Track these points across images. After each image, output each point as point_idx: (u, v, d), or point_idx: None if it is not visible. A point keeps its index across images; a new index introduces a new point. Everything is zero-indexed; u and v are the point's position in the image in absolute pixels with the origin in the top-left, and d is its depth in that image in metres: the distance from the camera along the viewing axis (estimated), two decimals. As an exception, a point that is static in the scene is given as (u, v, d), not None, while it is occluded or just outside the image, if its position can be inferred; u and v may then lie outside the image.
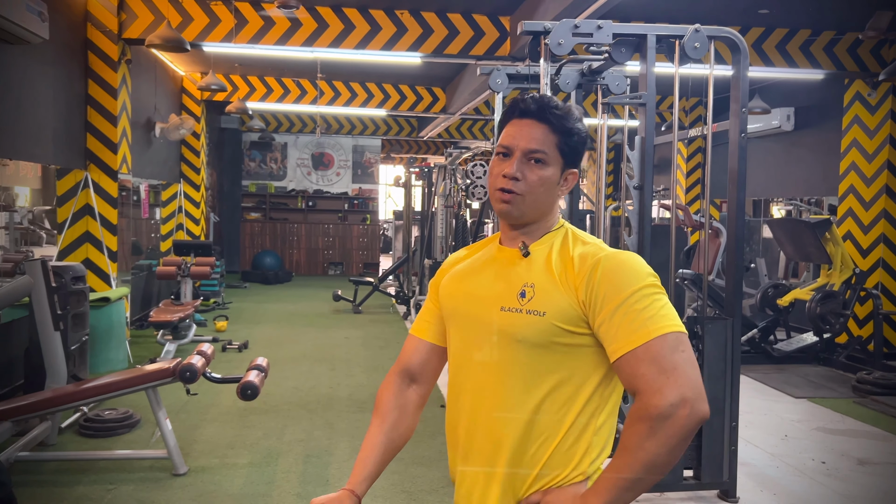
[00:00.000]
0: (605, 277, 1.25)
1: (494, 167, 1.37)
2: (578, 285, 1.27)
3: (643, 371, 1.19)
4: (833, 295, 6.62)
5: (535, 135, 1.33)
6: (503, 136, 1.37)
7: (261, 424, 4.62)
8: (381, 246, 15.73)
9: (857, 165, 7.34)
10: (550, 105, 1.34)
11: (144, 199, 8.45)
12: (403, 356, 1.52)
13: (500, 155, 1.37)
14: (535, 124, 1.34)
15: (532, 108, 1.34)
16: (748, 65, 3.52)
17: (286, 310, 9.60)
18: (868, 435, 4.72)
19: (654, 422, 1.15)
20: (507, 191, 1.33)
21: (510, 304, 1.32)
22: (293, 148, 14.39)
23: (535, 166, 1.33)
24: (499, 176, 1.35)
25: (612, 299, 1.24)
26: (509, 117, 1.38)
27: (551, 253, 1.35)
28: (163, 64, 9.03)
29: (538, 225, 1.38)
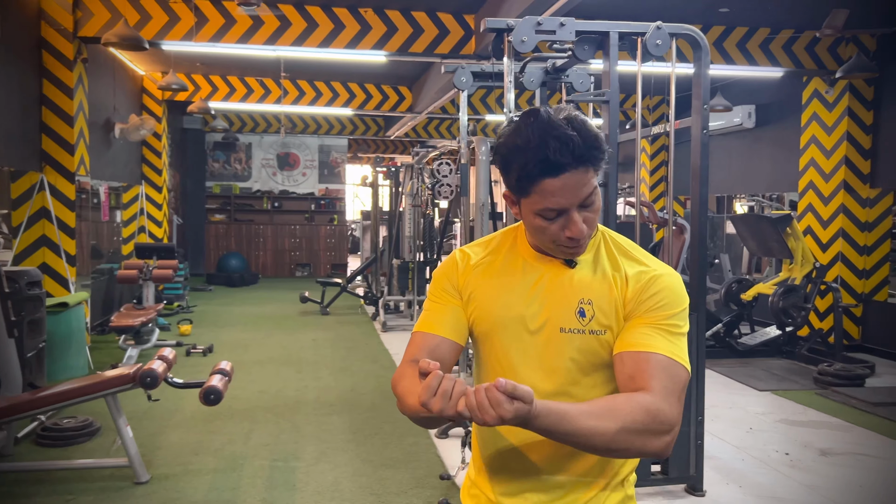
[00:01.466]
0: (659, 294, 1.26)
1: (544, 225, 1.24)
2: (629, 300, 1.27)
3: (663, 377, 1.19)
4: (794, 289, 6.73)
5: (583, 181, 1.20)
6: (545, 198, 1.20)
7: (226, 429, 4.54)
8: (349, 246, 15.64)
9: (816, 161, 7.48)
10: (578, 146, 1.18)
11: (104, 201, 8.26)
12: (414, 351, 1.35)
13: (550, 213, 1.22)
14: (578, 173, 1.19)
15: (564, 162, 1.18)
16: (709, 62, 3.55)
17: (252, 312, 9.48)
18: (829, 426, 4.80)
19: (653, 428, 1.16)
20: (575, 241, 1.25)
21: (570, 325, 1.28)
22: (258, 148, 14.22)
23: (590, 209, 1.24)
24: (561, 236, 1.24)
25: (654, 312, 1.25)
26: (541, 175, 1.19)
27: (599, 262, 1.32)
28: (121, 63, 8.84)
29: None
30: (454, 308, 1.38)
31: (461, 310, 1.39)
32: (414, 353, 1.36)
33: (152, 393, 3.83)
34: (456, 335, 1.39)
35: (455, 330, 1.38)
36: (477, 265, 1.39)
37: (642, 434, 1.14)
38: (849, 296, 7.20)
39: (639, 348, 1.22)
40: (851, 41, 7.01)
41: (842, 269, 7.24)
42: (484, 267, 1.39)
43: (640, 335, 1.23)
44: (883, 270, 7.29)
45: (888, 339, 7.00)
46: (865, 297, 7.23)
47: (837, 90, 7.21)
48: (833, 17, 5.76)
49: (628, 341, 1.24)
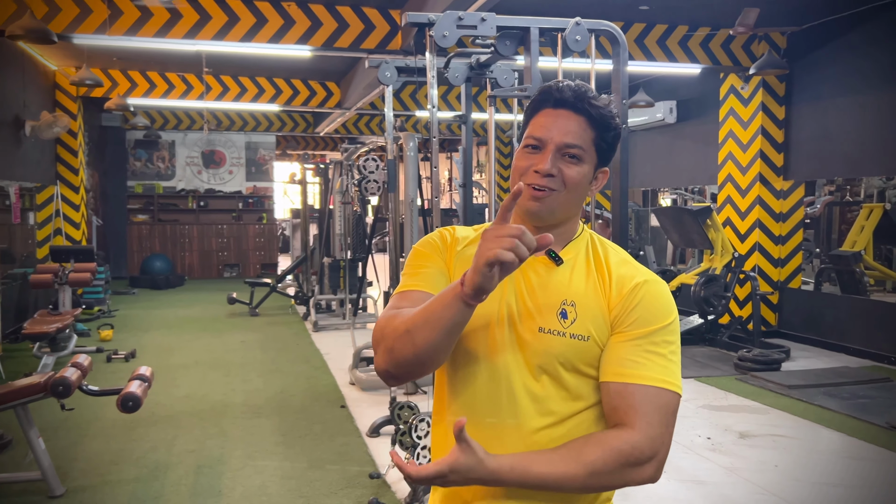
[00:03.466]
0: (644, 304, 1.20)
1: (521, 160, 1.22)
2: (614, 306, 1.21)
3: (647, 411, 1.15)
4: (715, 279, 6.97)
5: (572, 128, 1.20)
6: (534, 127, 1.22)
7: (149, 437, 4.38)
8: (279, 246, 15.35)
9: (734, 155, 7.76)
10: (589, 95, 1.21)
11: (15, 202, 7.86)
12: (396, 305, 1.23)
13: (529, 147, 1.22)
14: (572, 116, 1.20)
15: (568, 98, 1.20)
16: (627, 57, 3.63)
17: (178, 315, 9.20)
18: (748, 409, 4.99)
19: (630, 466, 1.13)
20: (541, 188, 1.19)
21: (550, 326, 1.20)
22: (181, 146, 13.80)
23: (569, 162, 1.20)
24: (528, 171, 1.20)
25: (641, 325, 1.19)
26: (541, 106, 1.23)
27: (585, 263, 1.26)
28: (31, 57, 8.42)
29: (563, 229, 1.26)
30: (440, 266, 1.28)
31: (444, 269, 1.28)
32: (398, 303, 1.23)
33: (66, 402, 3.67)
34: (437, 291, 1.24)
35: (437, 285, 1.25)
36: (462, 250, 1.30)
37: (617, 472, 1.12)
38: (766, 284, 7.50)
39: (625, 379, 1.16)
40: (764, 39, 7.30)
41: (759, 259, 7.53)
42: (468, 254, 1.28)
43: (626, 361, 1.17)
44: (796, 259, 7.63)
45: (802, 325, 7.33)
46: (781, 284, 7.55)
47: (752, 86, 7.49)
48: (745, 15, 5.97)
49: (614, 369, 1.18)
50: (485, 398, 1.23)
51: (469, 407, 1.25)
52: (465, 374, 1.26)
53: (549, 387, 1.21)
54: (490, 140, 4.03)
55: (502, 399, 1.22)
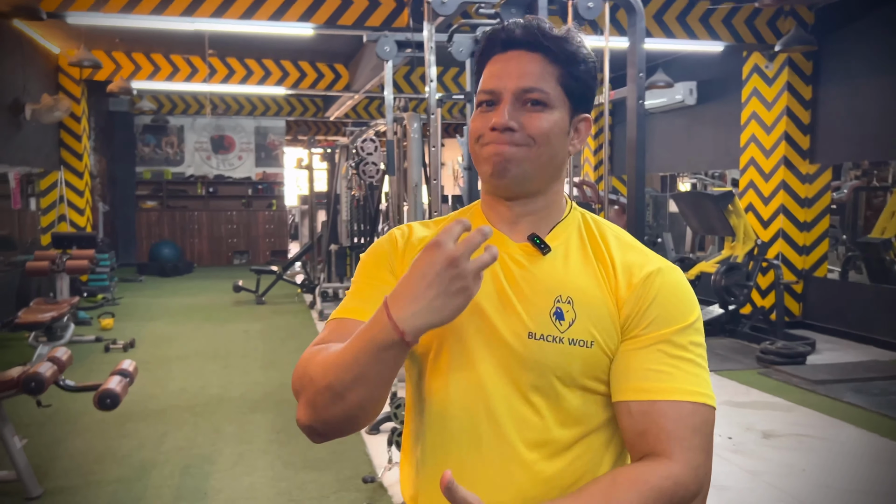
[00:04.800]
0: (661, 298, 0.97)
1: (476, 122, 1.00)
2: (624, 302, 0.98)
3: (685, 435, 0.92)
4: (737, 267, 6.65)
5: (529, 69, 0.97)
6: (485, 80, 1.00)
7: (137, 433, 4.18)
8: (290, 232, 15.16)
9: (757, 138, 7.41)
10: (542, 27, 0.99)
11: (15, 188, 7.69)
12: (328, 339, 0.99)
13: (484, 105, 1.00)
14: (526, 55, 0.98)
15: (518, 36, 0.98)
16: (644, 27, 3.32)
17: (183, 303, 9.02)
18: (772, 406, 4.70)
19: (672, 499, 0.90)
20: (500, 146, 0.97)
21: (542, 330, 0.96)
22: (190, 131, 13.60)
23: (532, 110, 0.97)
24: (483, 131, 0.98)
25: (661, 326, 0.96)
26: (489, 53, 1.01)
27: (580, 249, 1.02)
28: (31, 40, 8.22)
29: (546, 204, 1.03)
30: (385, 290, 0.99)
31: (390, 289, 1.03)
32: (325, 336, 1.00)
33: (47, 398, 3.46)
34: None
35: None
36: (416, 247, 1.05)
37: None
38: (790, 272, 7.17)
39: (652, 395, 0.93)
40: (790, 14, 6.92)
41: (783, 246, 7.19)
42: None
43: (649, 372, 0.94)
44: (822, 246, 7.28)
45: (828, 315, 7.00)
46: (806, 273, 7.22)
47: (777, 65, 7.13)
48: (772, -13, 5.61)
49: (635, 384, 0.94)
50: (459, 432, 0.99)
51: (441, 446, 1.00)
52: (431, 403, 1.01)
53: (544, 409, 0.97)
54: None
55: (481, 431, 0.98)
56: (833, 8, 6.63)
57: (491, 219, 1.05)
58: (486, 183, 1.03)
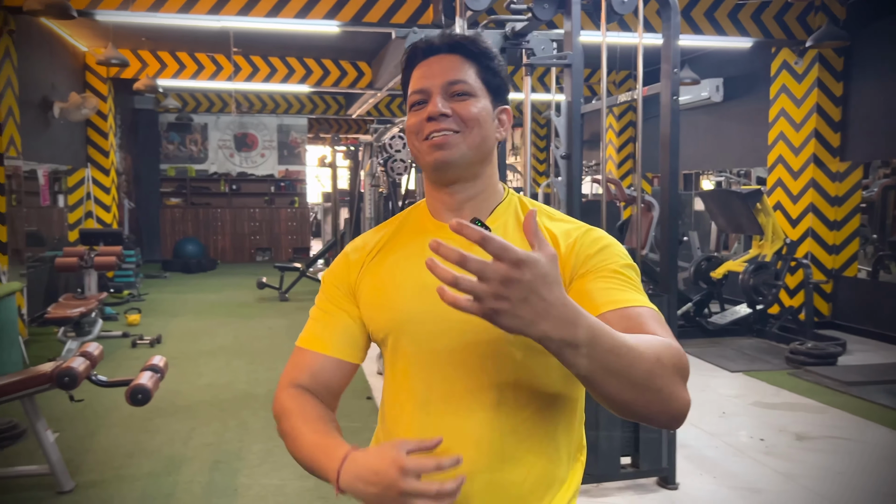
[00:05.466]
0: (598, 250, 1.07)
1: (411, 119, 1.11)
2: (566, 261, 1.06)
3: (657, 327, 0.97)
4: (765, 266, 6.56)
5: (450, 66, 1.10)
6: (413, 82, 1.12)
7: (166, 428, 4.20)
8: (312, 230, 15.22)
9: (786, 135, 7.30)
10: (455, 35, 1.13)
11: (44, 185, 7.78)
12: (295, 373, 1.16)
13: (416, 105, 1.11)
14: (446, 56, 1.11)
15: (437, 43, 1.12)
16: (679, 22, 3.28)
17: (207, 300, 9.08)
18: (804, 408, 4.62)
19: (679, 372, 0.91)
20: (439, 132, 1.07)
21: None
22: (214, 129, 13.69)
23: (460, 99, 1.09)
24: (421, 123, 1.09)
25: (605, 265, 1.05)
26: (413, 62, 1.14)
27: (517, 229, 1.12)
28: (60, 38, 8.31)
29: (484, 188, 1.13)
30: (343, 317, 1.16)
31: (354, 318, 1.16)
32: (294, 375, 1.15)
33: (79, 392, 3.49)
34: (346, 352, 1.16)
35: (345, 345, 1.16)
36: (370, 253, 1.17)
37: (672, 373, 0.90)
38: (819, 272, 7.06)
39: (621, 304, 0.99)
40: (821, 10, 6.81)
41: (812, 245, 7.09)
42: (377, 252, 1.17)
43: (611, 290, 1.01)
44: (852, 245, 7.16)
45: (858, 316, 6.88)
46: (835, 272, 7.10)
47: (807, 61, 7.01)
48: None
49: (604, 298, 1.00)
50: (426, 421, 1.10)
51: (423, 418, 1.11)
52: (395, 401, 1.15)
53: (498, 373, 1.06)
54: (526, 115, 3.72)
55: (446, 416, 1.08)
56: (865, 2, 6.51)
57: (435, 209, 1.14)
58: (429, 173, 1.12)
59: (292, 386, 1.15)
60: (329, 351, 1.15)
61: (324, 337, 1.15)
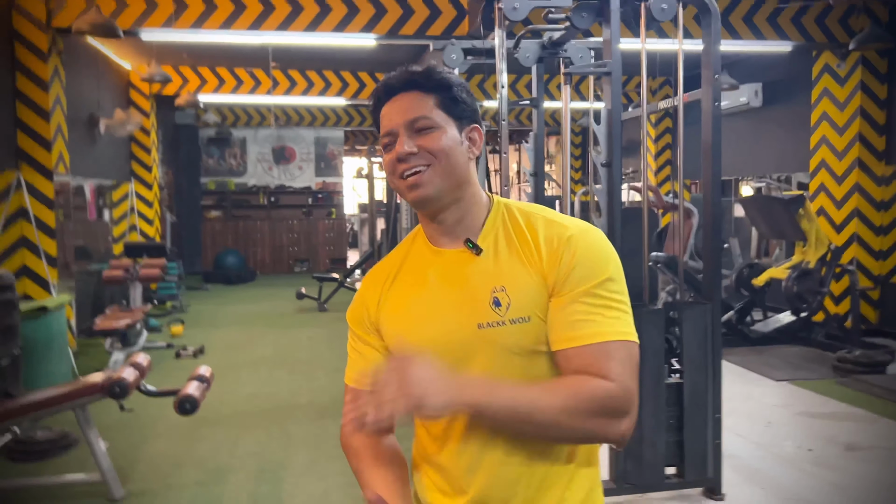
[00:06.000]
0: (580, 259, 1.11)
1: (385, 161, 1.17)
2: (548, 272, 1.12)
3: (612, 366, 1.06)
4: (809, 273, 6.43)
5: (410, 104, 1.14)
6: (381, 125, 1.18)
7: (212, 438, 4.28)
8: (349, 241, 15.35)
9: (828, 139, 7.17)
10: (408, 71, 1.18)
11: (90, 199, 8.00)
12: None
13: (387, 147, 1.17)
14: (405, 96, 1.16)
15: (394, 83, 1.17)
16: (720, 28, 3.25)
17: (248, 311, 9.22)
18: (853, 417, 4.52)
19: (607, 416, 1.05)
20: (410, 171, 1.12)
21: (487, 318, 1.13)
22: (252, 143, 13.92)
23: (425, 134, 1.13)
24: (393, 164, 1.15)
25: (583, 282, 1.10)
26: (378, 107, 1.19)
27: (506, 240, 1.17)
28: (105, 57, 8.56)
29: (468, 207, 1.18)
30: (374, 353, 1.25)
31: (382, 351, 1.25)
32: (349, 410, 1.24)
33: (127, 402, 3.58)
34: None
35: None
36: (384, 285, 1.24)
37: (591, 416, 1.04)
38: (865, 278, 6.90)
39: (583, 341, 1.07)
40: (863, 12, 6.68)
41: (857, 251, 6.93)
42: (391, 283, 1.24)
43: (577, 322, 1.08)
44: (900, 251, 6.98)
45: (908, 323, 6.70)
46: (882, 279, 6.93)
47: (849, 64, 6.89)
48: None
49: (568, 333, 1.09)
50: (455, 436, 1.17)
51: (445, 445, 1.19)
52: None
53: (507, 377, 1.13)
54: (565, 122, 3.72)
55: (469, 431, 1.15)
56: (910, 3, 6.38)
57: (431, 235, 1.21)
58: (414, 208, 1.19)
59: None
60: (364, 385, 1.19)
61: (362, 373, 1.23)
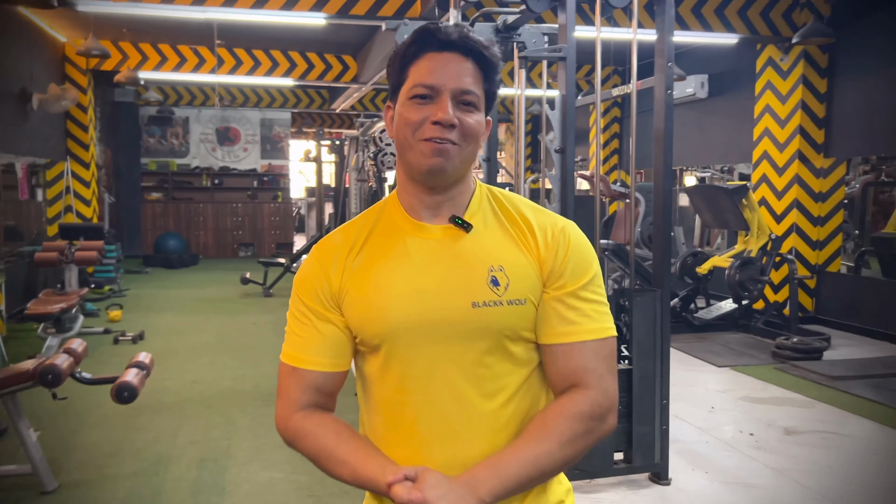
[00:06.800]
0: (573, 253, 1.12)
1: (411, 112, 1.07)
2: (545, 259, 1.11)
3: (595, 366, 1.10)
4: (751, 261, 6.59)
5: (465, 72, 1.07)
6: (419, 73, 1.07)
7: (152, 426, 4.13)
8: (295, 225, 15.11)
9: (770, 131, 7.34)
10: (474, 38, 1.09)
11: (22, 178, 7.63)
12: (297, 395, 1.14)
13: (419, 98, 1.07)
14: (461, 59, 1.07)
15: (455, 39, 1.07)
16: (673, 16, 3.26)
17: (190, 296, 8.97)
18: (792, 402, 4.65)
19: (595, 422, 1.09)
20: (442, 140, 1.05)
21: (485, 297, 1.08)
22: (196, 122, 13.52)
23: (465, 110, 1.07)
24: (426, 124, 1.06)
25: (576, 279, 1.11)
26: (423, 49, 1.08)
27: (496, 220, 1.14)
28: (38, 29, 8.15)
29: (462, 189, 1.14)
30: (330, 329, 1.13)
31: (340, 326, 1.13)
32: (297, 397, 1.14)
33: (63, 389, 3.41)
34: (340, 363, 1.14)
35: (338, 356, 1.14)
36: (349, 255, 1.13)
37: (587, 434, 1.08)
38: (803, 267, 7.11)
39: (571, 338, 1.10)
40: (806, 6, 6.84)
41: (796, 241, 7.14)
42: (356, 254, 1.13)
43: (566, 319, 1.10)
44: (836, 241, 7.22)
45: (841, 311, 6.95)
46: (819, 268, 7.16)
47: (792, 58, 7.05)
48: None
49: (557, 329, 1.10)
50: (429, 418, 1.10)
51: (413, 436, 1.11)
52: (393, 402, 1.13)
53: (496, 365, 1.10)
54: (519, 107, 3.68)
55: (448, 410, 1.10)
56: (850, 0, 6.55)
57: (412, 206, 1.13)
58: (417, 174, 1.10)
59: (302, 408, 1.14)
60: (325, 367, 1.13)
61: (318, 353, 1.12)
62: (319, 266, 1.14)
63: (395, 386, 1.11)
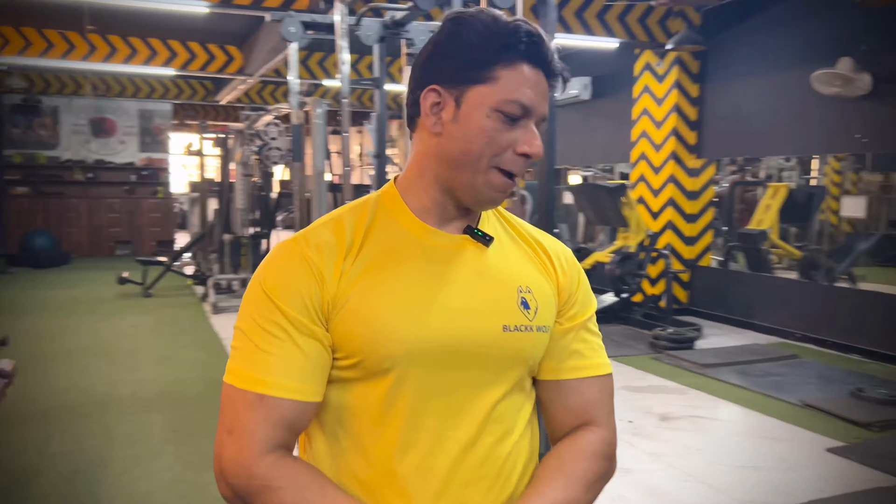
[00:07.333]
0: (584, 282, 1.07)
1: (497, 132, 0.90)
2: (563, 286, 1.04)
3: (605, 402, 1.06)
4: (630, 256, 6.92)
5: (546, 94, 0.94)
6: (520, 86, 0.90)
7: (17, 438, 3.84)
8: (177, 222, 14.47)
9: (648, 133, 7.72)
10: (553, 51, 0.95)
11: None
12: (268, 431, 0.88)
13: (509, 117, 0.90)
14: (545, 80, 0.94)
15: (543, 54, 0.92)
16: (555, 18, 3.35)
17: (62, 297, 8.41)
18: (666, 389, 4.91)
19: (609, 462, 1.05)
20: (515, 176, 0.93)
21: (515, 321, 0.96)
22: (66, 112, 12.66)
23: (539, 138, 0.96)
24: (508, 152, 0.91)
25: (585, 310, 1.06)
26: (514, 56, 0.90)
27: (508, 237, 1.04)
28: None
29: None
30: (315, 348, 0.90)
31: (326, 346, 0.91)
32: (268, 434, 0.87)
33: None
34: (319, 390, 0.91)
35: (319, 381, 0.91)
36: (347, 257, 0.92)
37: (604, 476, 1.04)
38: (678, 262, 7.53)
39: (582, 373, 1.03)
40: (679, 15, 7.24)
41: (671, 237, 7.55)
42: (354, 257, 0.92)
43: (578, 352, 1.04)
44: (707, 237, 7.69)
45: (712, 302, 7.41)
46: (692, 262, 7.60)
47: (667, 63, 7.44)
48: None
49: (567, 363, 1.03)
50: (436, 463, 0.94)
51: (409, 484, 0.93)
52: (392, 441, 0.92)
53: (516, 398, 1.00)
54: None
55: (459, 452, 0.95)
56: (719, 10, 6.99)
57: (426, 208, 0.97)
58: (470, 198, 0.94)
59: (272, 450, 0.88)
60: (304, 395, 0.89)
61: (297, 377, 0.88)
62: (308, 266, 0.90)
63: (403, 421, 0.91)
